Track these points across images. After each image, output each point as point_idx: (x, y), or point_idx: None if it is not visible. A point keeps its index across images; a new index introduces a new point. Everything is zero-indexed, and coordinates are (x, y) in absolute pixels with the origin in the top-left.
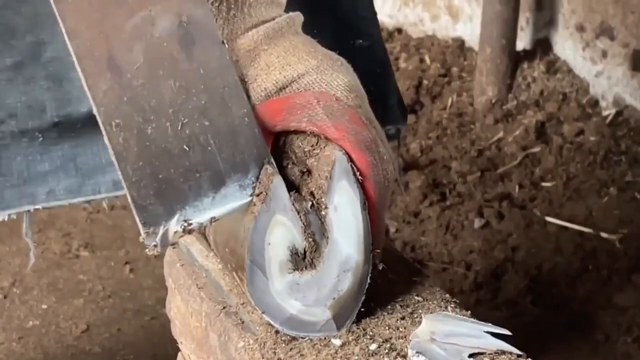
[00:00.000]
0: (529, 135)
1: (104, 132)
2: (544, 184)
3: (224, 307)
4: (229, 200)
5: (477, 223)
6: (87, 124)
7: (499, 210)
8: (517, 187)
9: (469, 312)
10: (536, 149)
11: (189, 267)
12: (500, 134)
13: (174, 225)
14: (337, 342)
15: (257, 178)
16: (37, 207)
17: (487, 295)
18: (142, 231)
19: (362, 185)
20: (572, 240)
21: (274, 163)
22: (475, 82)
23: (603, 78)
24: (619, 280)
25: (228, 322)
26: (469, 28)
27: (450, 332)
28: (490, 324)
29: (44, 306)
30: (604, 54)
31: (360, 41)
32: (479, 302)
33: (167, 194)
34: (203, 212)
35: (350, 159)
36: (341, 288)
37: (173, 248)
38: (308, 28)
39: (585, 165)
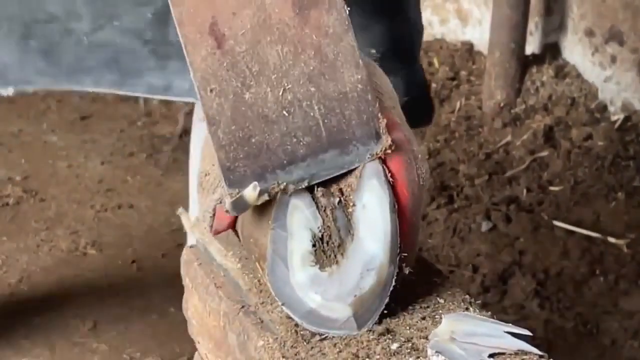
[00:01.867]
0: (537, 139)
1: (198, 96)
2: (551, 188)
3: (243, 307)
4: (326, 167)
5: (485, 226)
6: (125, 34)
7: (506, 213)
8: (524, 191)
9: (490, 312)
10: (544, 153)
11: (207, 266)
12: (509, 138)
13: (255, 189)
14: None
15: (364, 147)
16: (84, 89)
17: (494, 299)
18: (226, 191)
19: (395, 185)
20: (580, 244)
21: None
22: (484, 85)
23: (612, 83)
24: (626, 285)
25: (247, 322)
26: (478, 32)
27: (470, 332)
28: (510, 324)
29: (51, 303)
30: (613, 59)
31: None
32: (485, 305)
33: (259, 157)
34: (294, 177)
35: (383, 160)
36: (363, 286)
37: (191, 247)
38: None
39: (593, 169)
